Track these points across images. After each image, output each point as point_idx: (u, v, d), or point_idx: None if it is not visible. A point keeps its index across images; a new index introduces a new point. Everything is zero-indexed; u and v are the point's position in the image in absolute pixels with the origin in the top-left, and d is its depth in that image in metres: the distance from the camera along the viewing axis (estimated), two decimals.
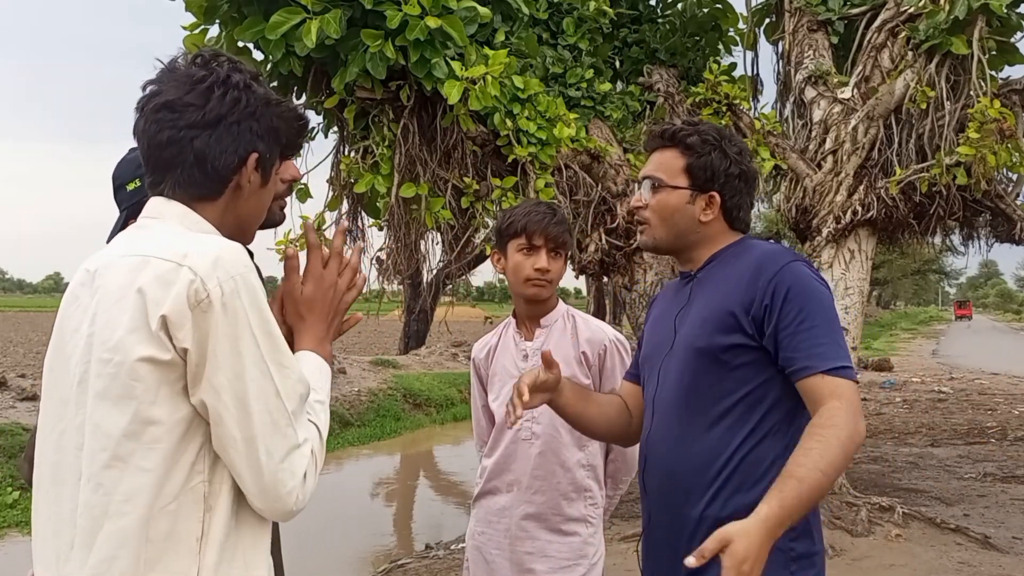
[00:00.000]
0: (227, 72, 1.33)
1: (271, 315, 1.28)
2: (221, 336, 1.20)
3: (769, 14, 7.58)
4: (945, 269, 67.04)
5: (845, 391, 1.62)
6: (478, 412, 2.62)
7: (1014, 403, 13.50)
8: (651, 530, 1.84)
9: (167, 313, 1.19)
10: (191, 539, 1.23)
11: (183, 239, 1.28)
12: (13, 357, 19.13)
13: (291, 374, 1.28)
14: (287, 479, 1.25)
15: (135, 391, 1.20)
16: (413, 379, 14.68)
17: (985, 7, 5.89)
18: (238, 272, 1.24)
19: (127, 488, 1.20)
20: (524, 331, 2.48)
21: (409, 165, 5.33)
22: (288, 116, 1.41)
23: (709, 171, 1.82)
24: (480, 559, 2.46)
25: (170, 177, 1.34)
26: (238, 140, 1.33)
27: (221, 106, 1.31)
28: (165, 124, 1.31)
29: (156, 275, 1.21)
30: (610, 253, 5.85)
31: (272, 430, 1.24)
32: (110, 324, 1.22)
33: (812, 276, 1.73)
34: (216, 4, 4.84)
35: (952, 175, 5.96)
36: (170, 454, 1.22)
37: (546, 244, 2.36)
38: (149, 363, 1.20)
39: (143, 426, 1.20)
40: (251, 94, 1.34)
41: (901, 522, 5.60)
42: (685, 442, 1.75)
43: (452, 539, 6.22)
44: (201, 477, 1.24)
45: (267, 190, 1.42)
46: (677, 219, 1.84)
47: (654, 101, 6.66)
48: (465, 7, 4.81)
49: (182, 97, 1.31)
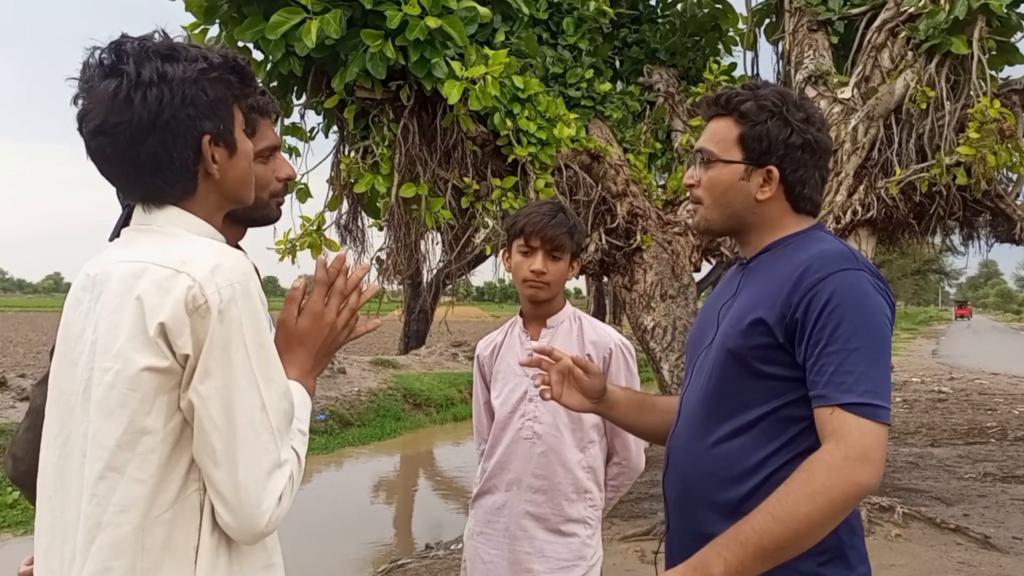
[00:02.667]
0: (136, 70, 1.23)
1: (266, 326, 1.26)
2: (215, 343, 1.18)
3: (769, 14, 7.58)
4: (945, 269, 66.91)
5: (851, 432, 1.39)
6: (479, 409, 2.62)
7: (1014, 403, 13.50)
8: (670, 540, 1.69)
9: (165, 320, 1.17)
10: (188, 548, 1.21)
11: (181, 245, 1.25)
12: (13, 357, 19.13)
13: (278, 388, 1.26)
14: (264, 497, 1.21)
15: (130, 401, 1.18)
16: (413, 379, 14.68)
17: (985, 7, 5.89)
18: (237, 280, 1.22)
19: (121, 499, 1.19)
20: (530, 331, 2.49)
21: (409, 165, 5.33)
22: (220, 77, 1.30)
23: (765, 141, 1.58)
24: (477, 558, 2.45)
25: (139, 194, 1.31)
26: (181, 132, 1.26)
27: (146, 110, 1.23)
28: (106, 148, 1.26)
29: (154, 282, 1.20)
30: (610, 253, 5.85)
31: (254, 444, 1.21)
32: (111, 332, 1.21)
33: (868, 291, 1.48)
34: (216, 4, 4.84)
35: (952, 175, 5.96)
36: (164, 464, 1.20)
37: (543, 246, 2.35)
38: (148, 372, 1.18)
39: (137, 436, 1.19)
40: (168, 83, 1.24)
41: (901, 522, 5.60)
42: (705, 450, 1.58)
43: (452, 539, 6.22)
44: (196, 486, 1.22)
45: (240, 154, 1.36)
46: (731, 197, 1.62)
47: (654, 101, 6.66)
48: (465, 7, 4.81)
49: (108, 119, 1.24)
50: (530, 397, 2.40)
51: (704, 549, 1.43)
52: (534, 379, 2.00)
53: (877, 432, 1.40)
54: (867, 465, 1.38)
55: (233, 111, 1.34)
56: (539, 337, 2.45)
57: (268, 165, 1.67)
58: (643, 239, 5.84)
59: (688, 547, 1.57)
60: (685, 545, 1.60)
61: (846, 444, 1.39)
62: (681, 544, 1.63)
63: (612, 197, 5.80)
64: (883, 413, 1.41)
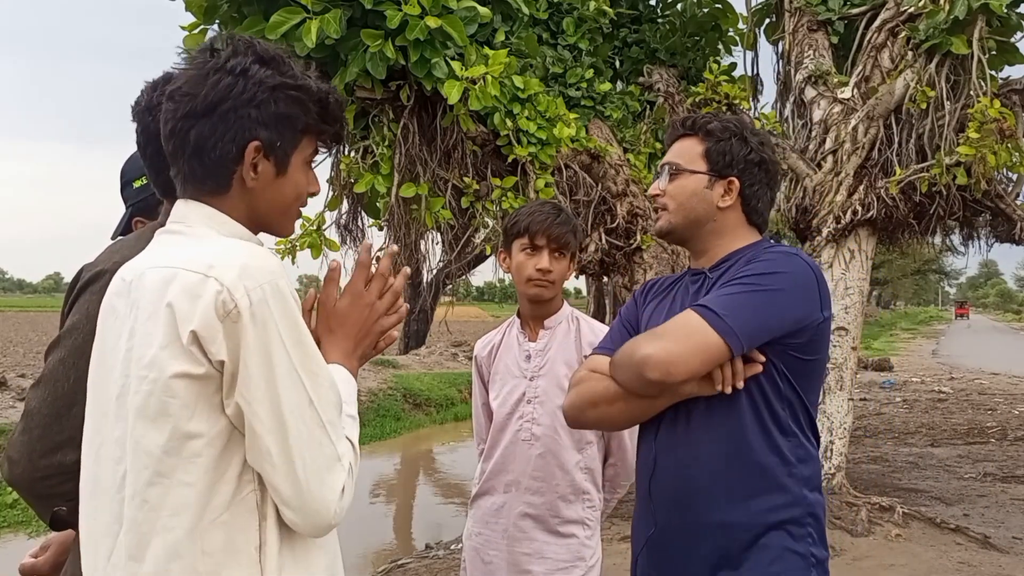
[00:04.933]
0: (227, 56, 1.27)
1: (302, 322, 1.24)
2: (252, 347, 1.17)
3: (769, 14, 7.58)
4: (945, 269, 67.07)
5: (678, 317, 1.63)
6: (478, 410, 2.61)
7: (1014, 403, 13.50)
8: (659, 539, 1.76)
9: (197, 328, 1.16)
10: (250, 548, 1.21)
11: (209, 248, 1.24)
12: (13, 357, 19.13)
13: (323, 382, 1.24)
14: (326, 493, 1.21)
15: (171, 408, 1.18)
16: (413, 379, 14.68)
17: (985, 7, 5.89)
18: (265, 280, 1.20)
19: (173, 503, 1.18)
20: (528, 331, 2.48)
21: (409, 165, 5.33)
22: (301, 99, 1.31)
23: (728, 156, 1.79)
24: (477, 559, 2.45)
25: (176, 170, 1.31)
26: (234, 128, 1.27)
27: (214, 93, 1.25)
28: (168, 116, 1.28)
29: (183, 288, 1.18)
30: (610, 253, 5.86)
31: (309, 442, 1.20)
32: (146, 340, 1.20)
33: (783, 255, 1.70)
34: (216, 4, 4.84)
35: (952, 175, 5.96)
36: (212, 466, 1.19)
37: (548, 244, 2.36)
38: (184, 379, 1.17)
39: (182, 441, 1.18)
40: (247, 79, 1.27)
41: (901, 522, 5.60)
42: (697, 445, 1.69)
43: (452, 539, 6.21)
44: (251, 487, 1.21)
45: (287, 179, 1.34)
46: (694, 203, 1.79)
47: (654, 101, 6.66)
48: (465, 7, 4.81)
49: (181, 87, 1.27)
50: (528, 399, 2.40)
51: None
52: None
53: (698, 323, 1.59)
54: (671, 342, 1.58)
55: (299, 137, 1.34)
56: (537, 338, 2.45)
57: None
58: (643, 239, 5.84)
59: (689, 540, 1.68)
60: (685, 539, 1.69)
61: (674, 323, 1.62)
62: (681, 539, 1.70)
63: (612, 197, 5.80)
64: (718, 322, 1.58)
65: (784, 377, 1.67)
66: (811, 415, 1.73)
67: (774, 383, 1.66)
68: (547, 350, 2.41)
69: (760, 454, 1.65)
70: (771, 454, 1.65)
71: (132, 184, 2.06)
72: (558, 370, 2.37)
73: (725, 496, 1.65)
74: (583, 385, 1.79)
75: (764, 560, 1.63)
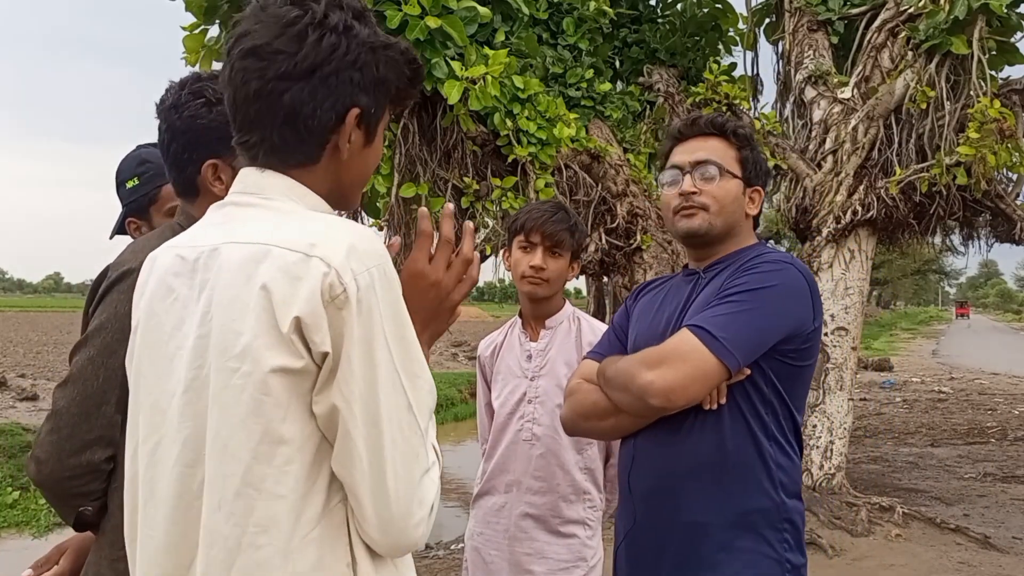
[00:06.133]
0: (324, 11, 1.12)
1: (407, 316, 1.11)
2: (356, 339, 1.03)
3: (769, 14, 7.58)
4: (945, 269, 67.10)
5: (674, 339, 1.61)
6: (481, 410, 2.63)
7: (1014, 403, 13.50)
8: (636, 534, 1.77)
9: (301, 314, 1.02)
10: (340, 566, 1.08)
11: (304, 223, 1.09)
12: (13, 357, 19.13)
13: (423, 384, 1.11)
14: (415, 509, 1.07)
15: (264, 407, 1.03)
16: None
17: (985, 7, 5.89)
18: (374, 263, 1.06)
19: (261, 518, 1.04)
20: (529, 331, 2.49)
21: (409, 165, 5.33)
22: (398, 61, 1.19)
23: (760, 166, 1.80)
24: (479, 559, 2.46)
25: (258, 138, 1.14)
26: (336, 94, 1.12)
27: (316, 53, 1.11)
28: (252, 74, 1.11)
29: (281, 268, 1.03)
30: (610, 253, 5.86)
31: (404, 450, 1.07)
32: (231, 327, 1.05)
33: (776, 266, 1.68)
34: (216, 4, 4.84)
35: (952, 175, 5.96)
36: (305, 476, 1.05)
37: (543, 242, 2.36)
38: (281, 374, 1.03)
39: (273, 447, 1.04)
40: (352, 38, 1.13)
41: (901, 522, 5.60)
42: (676, 443, 1.68)
43: (452, 539, 6.21)
44: (340, 496, 1.08)
45: (373, 149, 1.21)
46: (733, 208, 1.78)
47: (654, 101, 6.66)
48: (465, 7, 4.81)
49: (271, 42, 1.11)
50: (529, 398, 2.41)
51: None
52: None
53: (695, 346, 1.58)
54: (665, 368, 1.58)
55: (387, 103, 1.20)
56: (538, 338, 2.45)
57: None
58: (643, 239, 5.84)
59: (663, 538, 1.69)
60: (659, 536, 1.70)
61: (664, 347, 1.61)
62: (655, 536, 1.71)
63: (612, 197, 5.80)
64: (713, 343, 1.57)
65: (771, 383, 1.67)
66: (796, 422, 1.72)
67: (759, 388, 1.66)
68: (548, 350, 2.42)
69: (740, 456, 1.65)
70: (752, 457, 1.66)
71: (125, 185, 2.07)
72: (559, 370, 2.38)
73: (702, 496, 1.65)
74: (575, 397, 1.81)
75: (738, 563, 1.63)
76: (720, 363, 1.57)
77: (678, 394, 1.57)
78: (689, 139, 1.82)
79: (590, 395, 1.76)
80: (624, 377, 1.64)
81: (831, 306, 6.06)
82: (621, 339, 1.89)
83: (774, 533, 1.65)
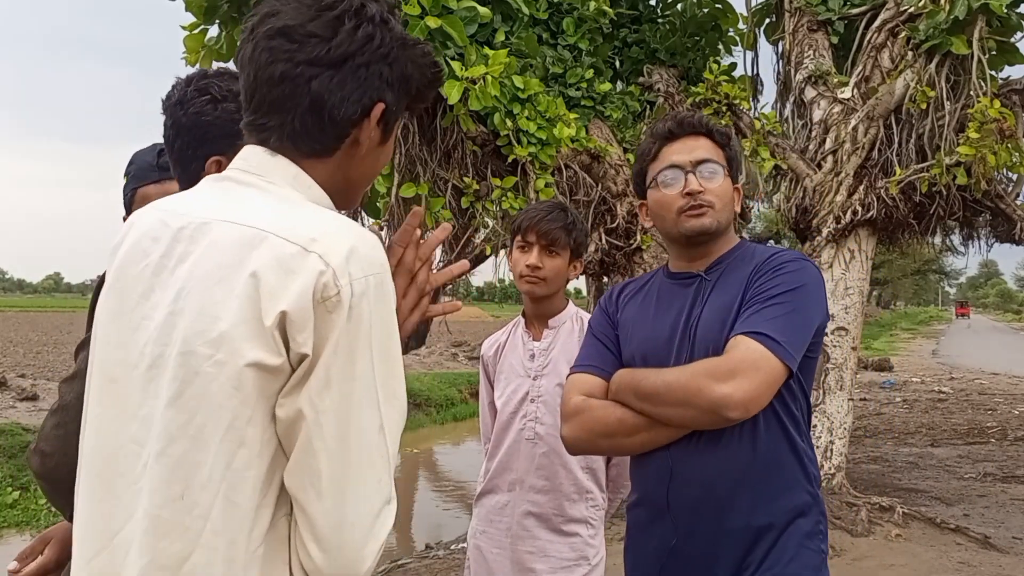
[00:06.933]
0: (361, 1, 1.09)
1: (397, 332, 1.06)
2: (339, 347, 0.97)
3: (769, 14, 7.59)
4: (945, 269, 67.11)
5: (740, 348, 1.58)
6: (484, 409, 2.64)
7: (1014, 403, 13.50)
8: (680, 548, 1.71)
9: (289, 310, 0.96)
10: None
11: (307, 215, 1.04)
12: (13, 357, 19.12)
13: (398, 406, 1.04)
14: (371, 541, 0.99)
15: (232, 402, 0.96)
16: (413, 379, 14.68)
17: (985, 7, 5.89)
18: (373, 271, 1.01)
19: (214, 523, 0.97)
20: (532, 331, 2.50)
21: (409, 165, 5.33)
22: (422, 62, 1.16)
23: (740, 164, 1.90)
24: (481, 558, 2.46)
25: (277, 122, 1.09)
26: (364, 86, 1.09)
27: (351, 42, 1.07)
28: (279, 55, 1.06)
29: (276, 258, 0.98)
30: (610, 253, 5.86)
31: (368, 474, 0.99)
32: (210, 310, 0.98)
33: (798, 265, 1.73)
34: (216, 4, 4.84)
35: (952, 175, 5.96)
36: (261, 486, 0.98)
37: (538, 241, 2.37)
38: (256, 369, 0.96)
39: (235, 448, 0.97)
40: (388, 31, 1.10)
41: (901, 522, 5.60)
42: (719, 450, 1.66)
43: (452, 539, 6.21)
44: (284, 511, 1.00)
45: (386, 149, 1.17)
46: (730, 206, 1.83)
47: (654, 101, 6.66)
48: (465, 7, 4.81)
49: (304, 24, 1.06)
50: (531, 398, 2.41)
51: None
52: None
53: (765, 357, 1.58)
54: (741, 380, 1.56)
55: (406, 103, 1.17)
56: (541, 337, 2.46)
57: None
58: (643, 239, 5.84)
59: (712, 547, 1.67)
60: (708, 546, 1.68)
61: (729, 357, 1.59)
62: (703, 546, 1.68)
63: (612, 197, 5.80)
64: (778, 348, 1.58)
65: (796, 378, 1.68)
66: (811, 412, 1.79)
67: (788, 384, 1.66)
68: (550, 349, 2.43)
69: (780, 454, 1.68)
70: (789, 454, 1.69)
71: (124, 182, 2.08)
72: (561, 369, 2.38)
73: (750, 500, 1.66)
74: (586, 415, 1.73)
75: (784, 558, 1.65)
76: (786, 367, 1.60)
77: (756, 404, 1.58)
78: (680, 139, 1.83)
79: (611, 412, 1.70)
80: (684, 392, 1.60)
81: (831, 306, 6.06)
82: (611, 349, 1.84)
83: (813, 525, 1.70)
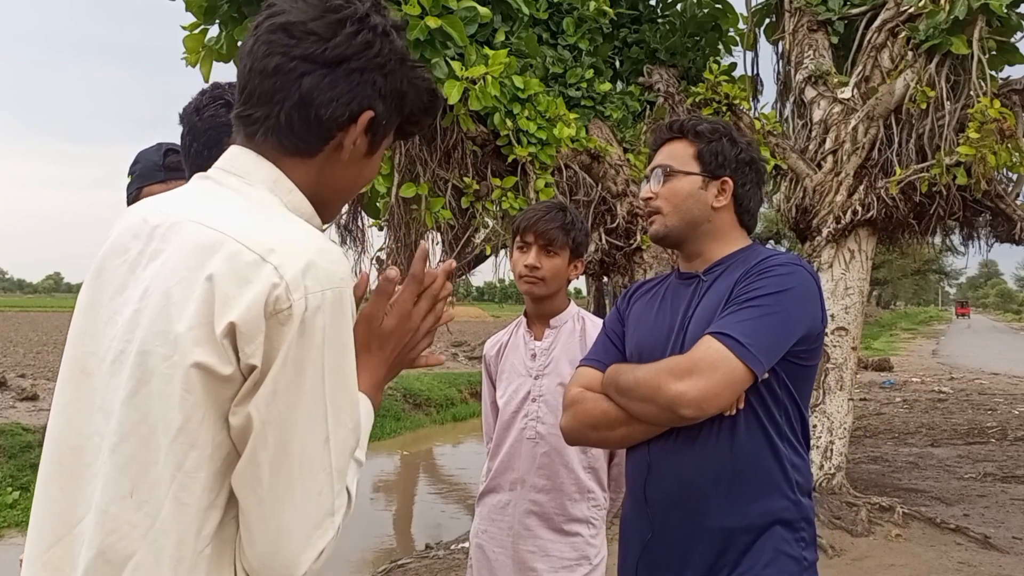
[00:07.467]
0: (367, 10, 1.11)
1: (352, 347, 1.06)
2: (288, 359, 0.97)
3: (769, 14, 7.59)
4: (945, 269, 67.06)
5: (701, 348, 1.59)
6: (487, 409, 2.64)
7: (1014, 403, 13.51)
8: (654, 544, 1.74)
9: (238, 321, 0.96)
10: None
11: (271, 222, 1.04)
12: (13, 357, 19.12)
13: (347, 421, 1.05)
14: (304, 552, 1.01)
15: (185, 404, 0.98)
16: (413, 379, 14.68)
17: (985, 7, 5.89)
18: (331, 286, 1.01)
19: (163, 522, 0.98)
20: (534, 331, 2.50)
21: (409, 165, 5.33)
22: (420, 85, 1.18)
23: (720, 156, 1.78)
24: (483, 556, 2.47)
25: (263, 114, 1.10)
26: (355, 91, 1.10)
27: (348, 46, 1.09)
28: (276, 48, 1.08)
29: (231, 266, 0.98)
30: (610, 253, 5.86)
31: (308, 486, 1.01)
32: (168, 310, 0.99)
33: (788, 268, 1.69)
34: (216, 4, 4.84)
35: (952, 175, 5.97)
36: (210, 487, 1.00)
37: (536, 241, 2.37)
38: (202, 372, 0.97)
39: (186, 449, 0.98)
40: (387, 43, 1.12)
41: (901, 522, 5.60)
42: (695, 450, 1.67)
43: (452, 539, 6.21)
44: (233, 512, 1.02)
45: (371, 163, 1.18)
46: (690, 205, 1.77)
47: (654, 101, 6.66)
48: (465, 7, 4.81)
49: (306, 23, 1.08)
50: (533, 397, 2.42)
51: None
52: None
53: (726, 357, 1.57)
54: (695, 378, 1.57)
55: (397, 121, 1.19)
56: (543, 337, 2.47)
57: None
58: (643, 239, 5.84)
59: (684, 545, 1.68)
60: (680, 544, 1.69)
61: (691, 356, 1.60)
62: (675, 544, 1.70)
63: (612, 197, 5.80)
64: (742, 351, 1.57)
65: (783, 384, 1.68)
66: (805, 422, 1.74)
67: (773, 391, 1.67)
68: (552, 349, 2.44)
69: (758, 459, 1.66)
70: (769, 459, 1.67)
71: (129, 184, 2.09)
72: (563, 369, 2.39)
73: (725, 501, 1.66)
74: (579, 407, 1.78)
75: (760, 562, 1.64)
76: (748, 370, 1.58)
77: (711, 403, 1.57)
78: (658, 148, 1.86)
79: (598, 404, 1.74)
80: (648, 388, 1.62)
81: (831, 306, 6.06)
82: (617, 345, 1.87)
83: (793, 532, 1.67)
